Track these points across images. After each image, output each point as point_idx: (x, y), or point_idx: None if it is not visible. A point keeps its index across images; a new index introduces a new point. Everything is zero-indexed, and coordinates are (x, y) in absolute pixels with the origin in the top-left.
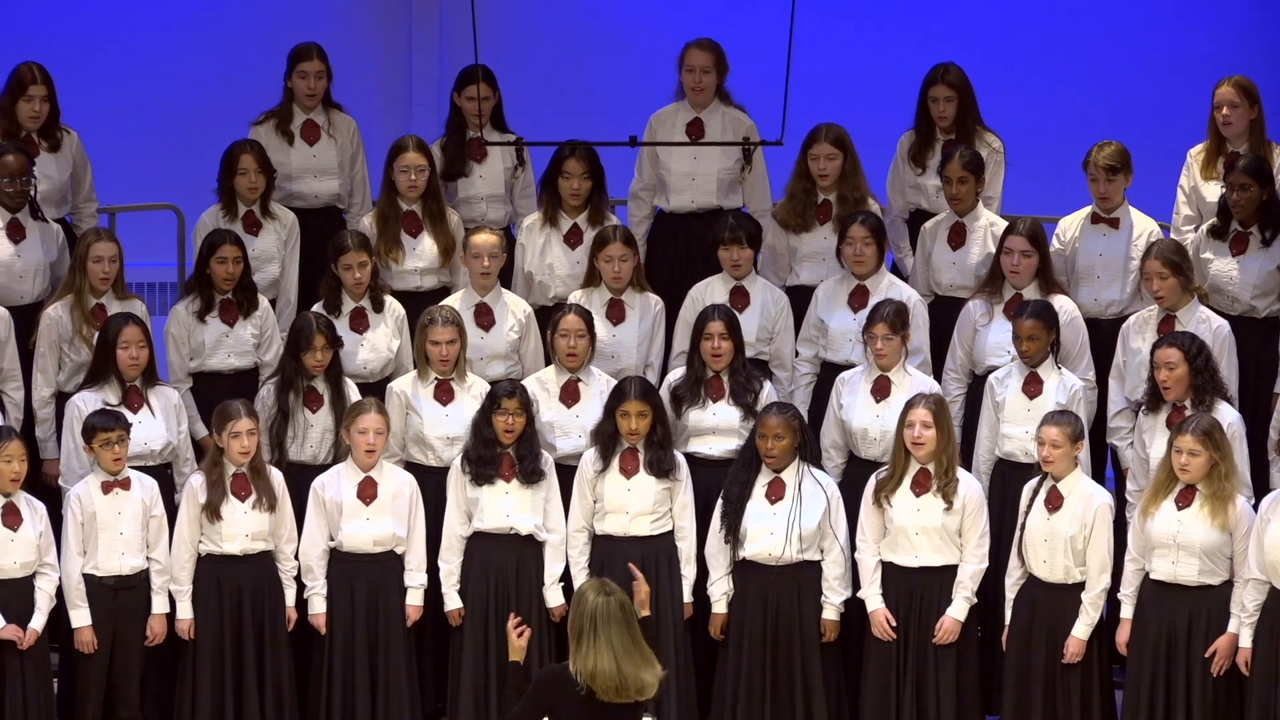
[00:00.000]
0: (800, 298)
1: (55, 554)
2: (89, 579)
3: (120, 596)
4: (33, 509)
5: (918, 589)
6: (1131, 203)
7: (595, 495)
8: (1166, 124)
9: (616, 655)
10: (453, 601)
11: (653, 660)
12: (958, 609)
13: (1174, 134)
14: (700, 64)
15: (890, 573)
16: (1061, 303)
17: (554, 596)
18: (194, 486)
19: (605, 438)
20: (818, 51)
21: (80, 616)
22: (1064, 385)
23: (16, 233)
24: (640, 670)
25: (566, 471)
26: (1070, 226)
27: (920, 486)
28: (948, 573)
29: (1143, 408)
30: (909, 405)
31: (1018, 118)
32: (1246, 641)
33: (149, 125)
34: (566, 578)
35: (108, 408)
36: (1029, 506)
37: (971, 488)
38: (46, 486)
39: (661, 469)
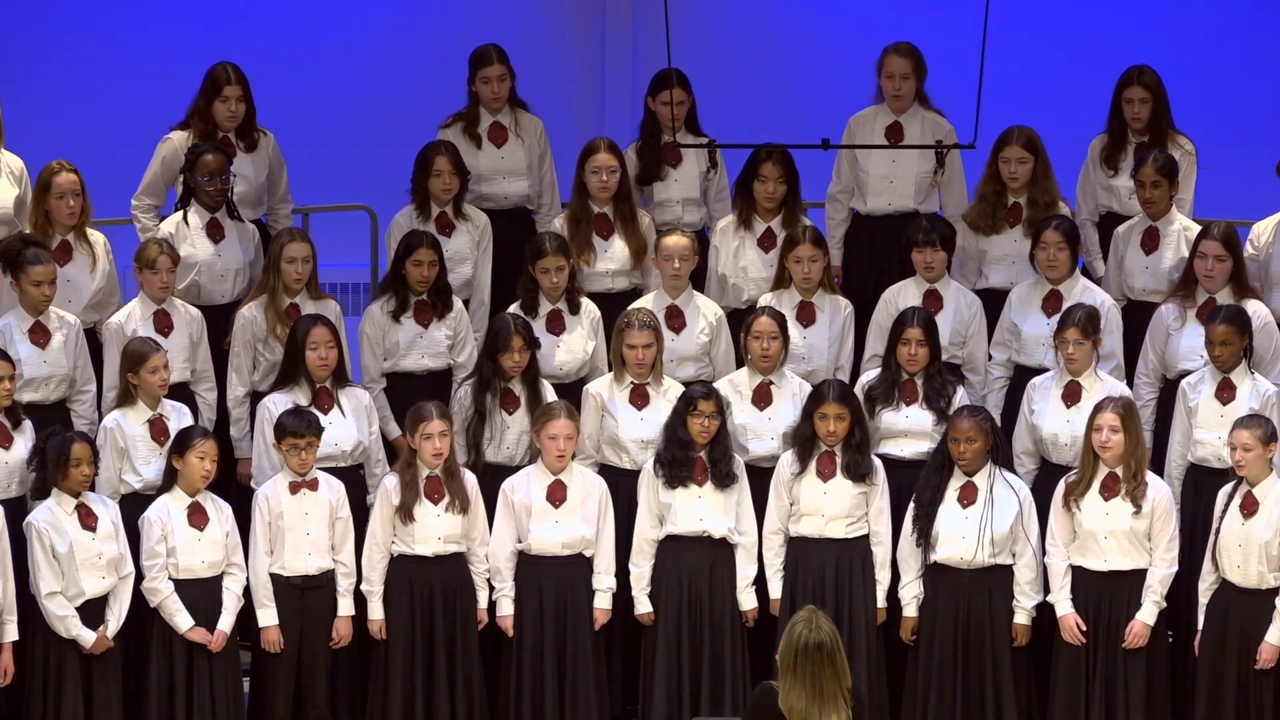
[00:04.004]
0: (990, 300)
1: (242, 554)
2: (276, 579)
3: (307, 596)
4: (218, 509)
5: (1107, 593)
6: None
7: (792, 497)
8: None
9: (808, 696)
10: (643, 605)
11: (840, 707)
12: (1147, 613)
13: None
14: (900, 70)
15: (1080, 577)
16: (1255, 308)
17: (748, 600)
18: (388, 488)
19: (803, 440)
20: (1011, 52)
21: (267, 616)
22: (1257, 391)
23: (216, 232)
24: (823, 717)
25: (758, 474)
26: (1265, 231)
27: (1109, 490)
28: (1137, 577)
29: None
30: (1097, 409)
31: (1211, 121)
32: None
33: (342, 126)
34: (760, 580)
35: (302, 409)
36: (1224, 511)
37: (1161, 491)
38: (241, 486)
39: (859, 473)
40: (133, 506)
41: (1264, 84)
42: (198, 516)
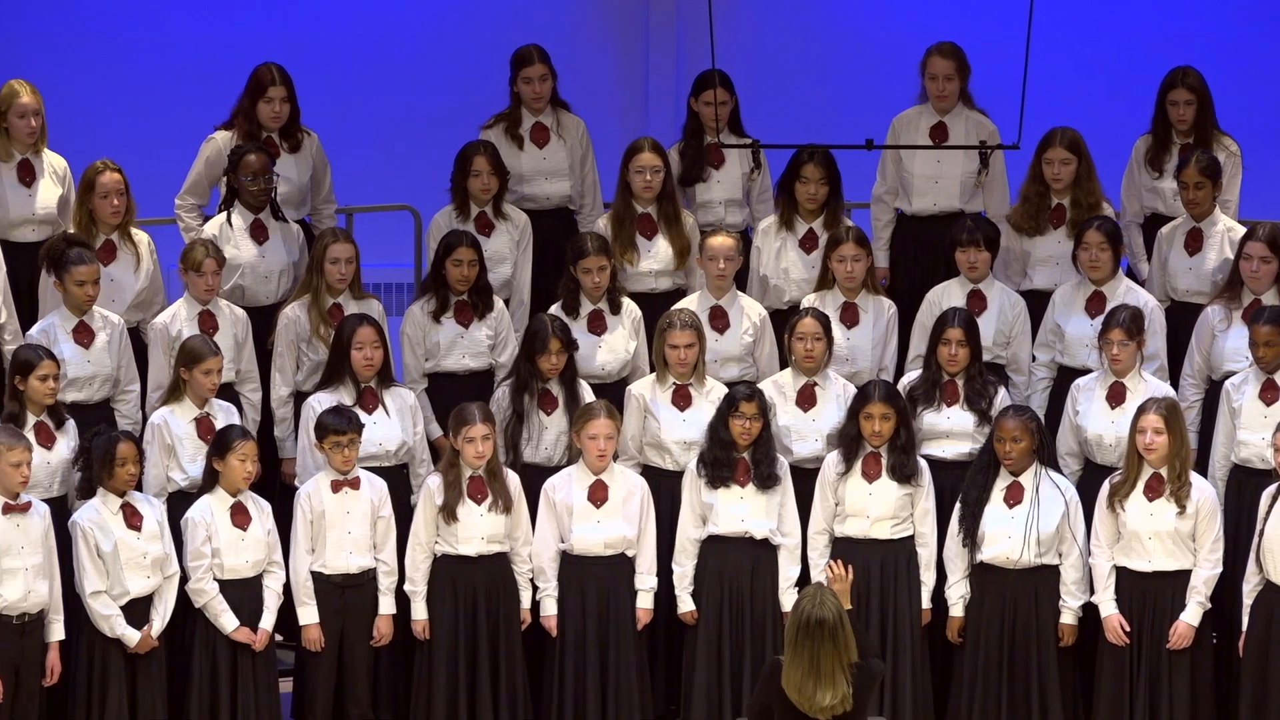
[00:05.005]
0: (1033, 301)
1: (281, 552)
2: (317, 577)
3: (348, 595)
4: (259, 508)
5: (1151, 594)
6: None
7: (837, 498)
8: None
9: (804, 672)
10: (685, 604)
11: (838, 682)
12: (1192, 614)
13: None
14: (943, 71)
15: (1124, 578)
16: None
17: (789, 601)
18: (431, 488)
19: (848, 440)
20: (1055, 53)
21: (308, 614)
22: None
23: (260, 233)
24: (819, 691)
25: (802, 475)
26: None
27: (1153, 491)
28: (1181, 578)
29: None
30: (1141, 410)
31: (1256, 121)
32: None
33: (386, 126)
34: (803, 581)
35: (341, 408)
36: (1268, 512)
37: (1205, 492)
38: (285, 486)
39: (904, 474)
40: (179, 504)
41: None
42: (240, 517)
